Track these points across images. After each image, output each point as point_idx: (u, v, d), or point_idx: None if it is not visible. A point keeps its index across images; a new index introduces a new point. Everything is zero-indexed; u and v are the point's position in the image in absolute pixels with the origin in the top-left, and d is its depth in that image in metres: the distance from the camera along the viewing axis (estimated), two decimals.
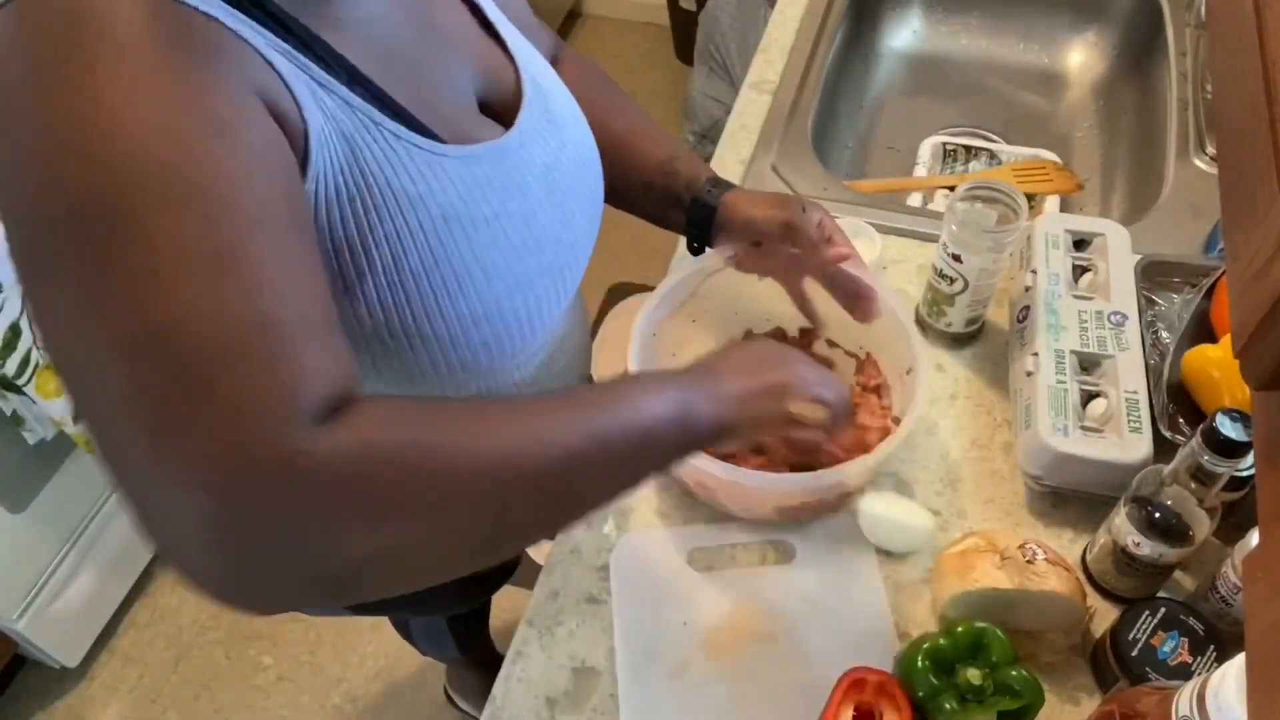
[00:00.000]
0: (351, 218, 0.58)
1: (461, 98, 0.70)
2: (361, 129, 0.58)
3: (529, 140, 0.71)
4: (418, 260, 0.62)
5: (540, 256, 0.70)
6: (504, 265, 0.67)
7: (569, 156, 0.75)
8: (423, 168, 0.62)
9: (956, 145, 1.30)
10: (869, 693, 0.73)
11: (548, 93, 0.75)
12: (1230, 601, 0.75)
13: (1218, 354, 0.87)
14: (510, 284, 0.68)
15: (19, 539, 1.54)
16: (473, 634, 1.45)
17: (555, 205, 0.72)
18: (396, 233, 0.60)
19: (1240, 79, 0.47)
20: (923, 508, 0.87)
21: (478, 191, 0.65)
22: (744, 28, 2.16)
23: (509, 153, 0.68)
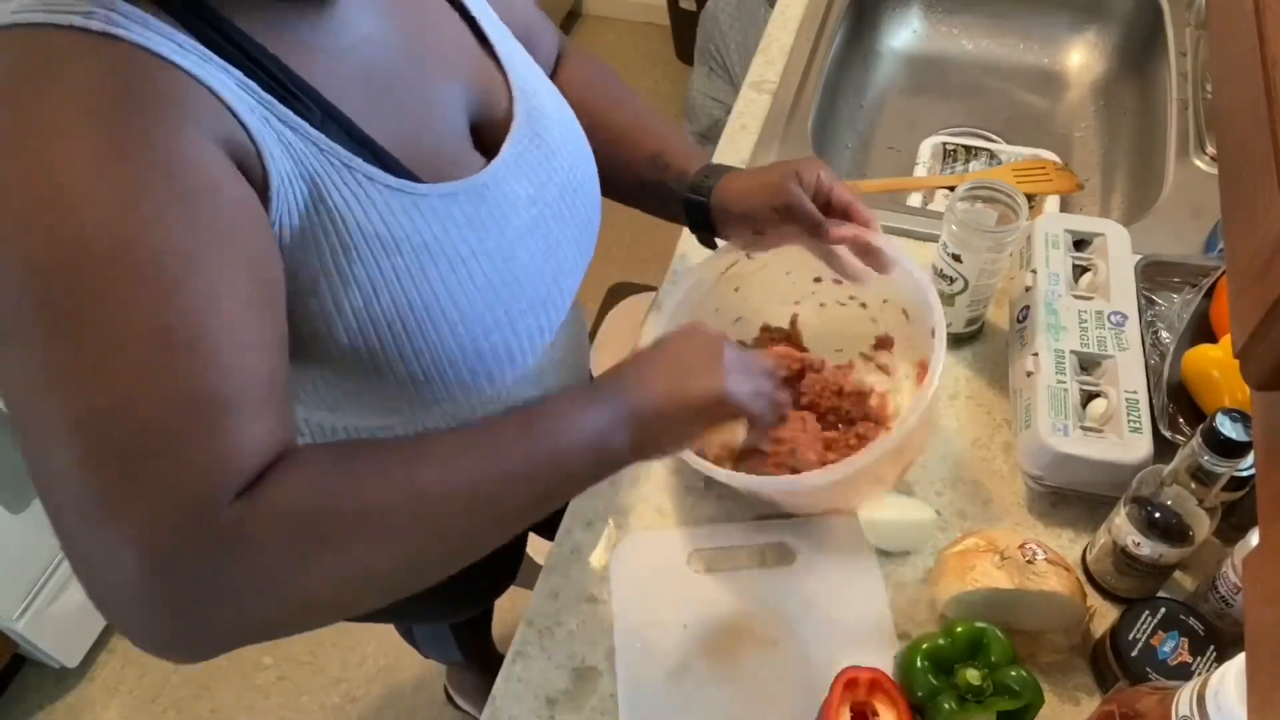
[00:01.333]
0: (318, 259, 0.58)
1: (450, 124, 0.68)
2: (331, 170, 0.57)
3: (512, 173, 0.69)
4: (389, 302, 0.60)
5: (521, 294, 0.68)
6: (482, 305, 0.65)
7: (558, 184, 0.72)
8: (396, 210, 0.60)
9: (956, 145, 1.30)
10: (863, 690, 0.73)
11: (541, 113, 0.73)
12: (1230, 601, 0.75)
13: (1218, 354, 0.87)
14: (489, 323, 0.66)
15: (19, 539, 1.54)
16: (475, 637, 1.45)
17: (539, 239, 0.70)
18: (368, 275, 0.59)
19: (1240, 79, 0.47)
20: (921, 502, 0.87)
21: (455, 231, 0.63)
22: (744, 28, 2.16)
23: (489, 188, 0.66)
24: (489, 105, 0.71)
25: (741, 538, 0.87)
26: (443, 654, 1.47)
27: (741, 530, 0.87)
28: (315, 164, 0.56)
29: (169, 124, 0.49)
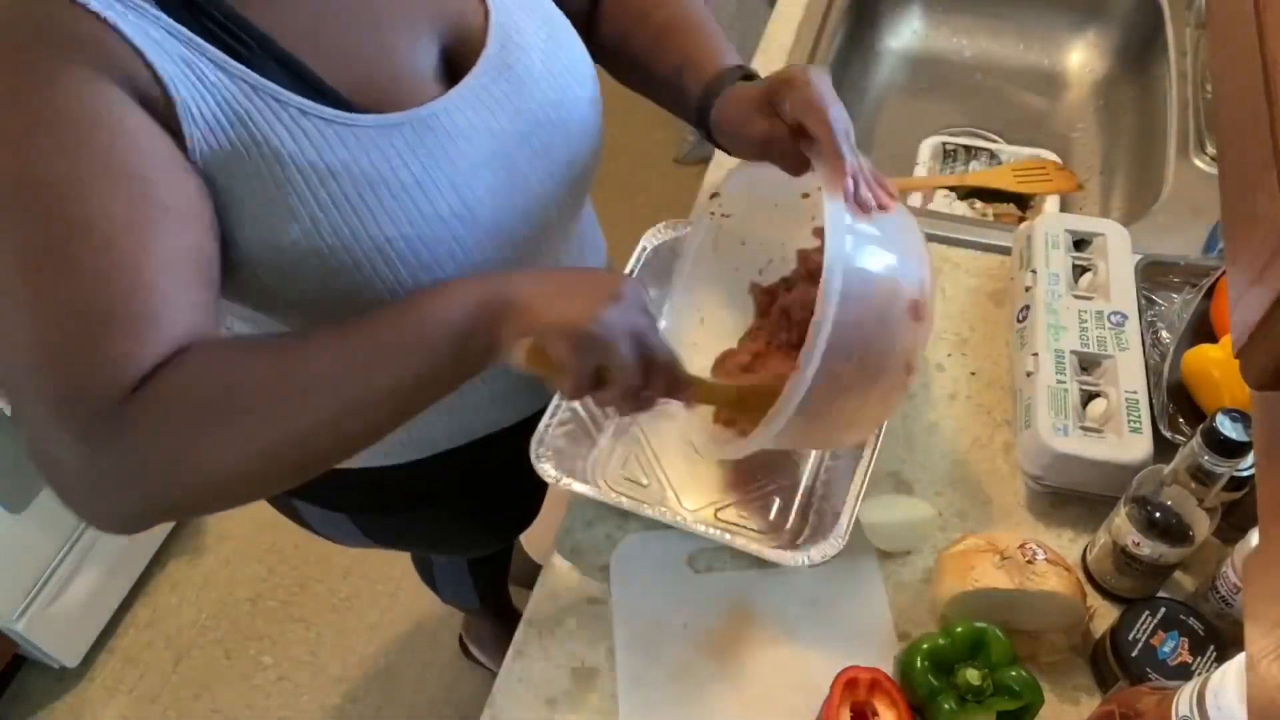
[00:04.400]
0: (258, 192, 0.61)
1: (412, 53, 0.68)
2: (263, 107, 0.60)
3: (470, 104, 0.68)
4: (331, 232, 0.63)
5: (476, 225, 0.68)
6: (430, 234, 0.66)
7: (529, 118, 0.71)
8: (331, 140, 0.62)
9: (956, 145, 1.30)
10: (863, 690, 0.73)
11: (519, 46, 0.71)
12: (1230, 601, 0.75)
13: (1218, 354, 0.87)
14: (440, 253, 0.67)
15: (19, 539, 1.54)
16: (493, 581, 1.46)
17: (501, 171, 0.69)
18: (304, 206, 0.62)
19: (1240, 79, 0.47)
20: (921, 502, 0.87)
21: (396, 160, 0.64)
22: (744, 28, 2.16)
23: (438, 118, 0.66)
24: (461, 36, 0.71)
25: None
26: (459, 595, 1.48)
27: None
28: (245, 102, 0.59)
29: (66, 67, 0.54)
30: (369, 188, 0.63)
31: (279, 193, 0.61)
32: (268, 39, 0.61)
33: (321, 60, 0.63)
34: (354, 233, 0.63)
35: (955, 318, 1.03)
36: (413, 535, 1.06)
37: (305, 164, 0.61)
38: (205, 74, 0.58)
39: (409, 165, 0.65)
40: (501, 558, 1.47)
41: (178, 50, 0.57)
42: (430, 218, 0.66)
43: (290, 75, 0.61)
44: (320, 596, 1.83)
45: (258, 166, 0.60)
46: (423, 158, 0.65)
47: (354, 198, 0.63)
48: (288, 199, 0.61)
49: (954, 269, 1.08)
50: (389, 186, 0.64)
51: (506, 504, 0.86)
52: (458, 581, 1.42)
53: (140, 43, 0.56)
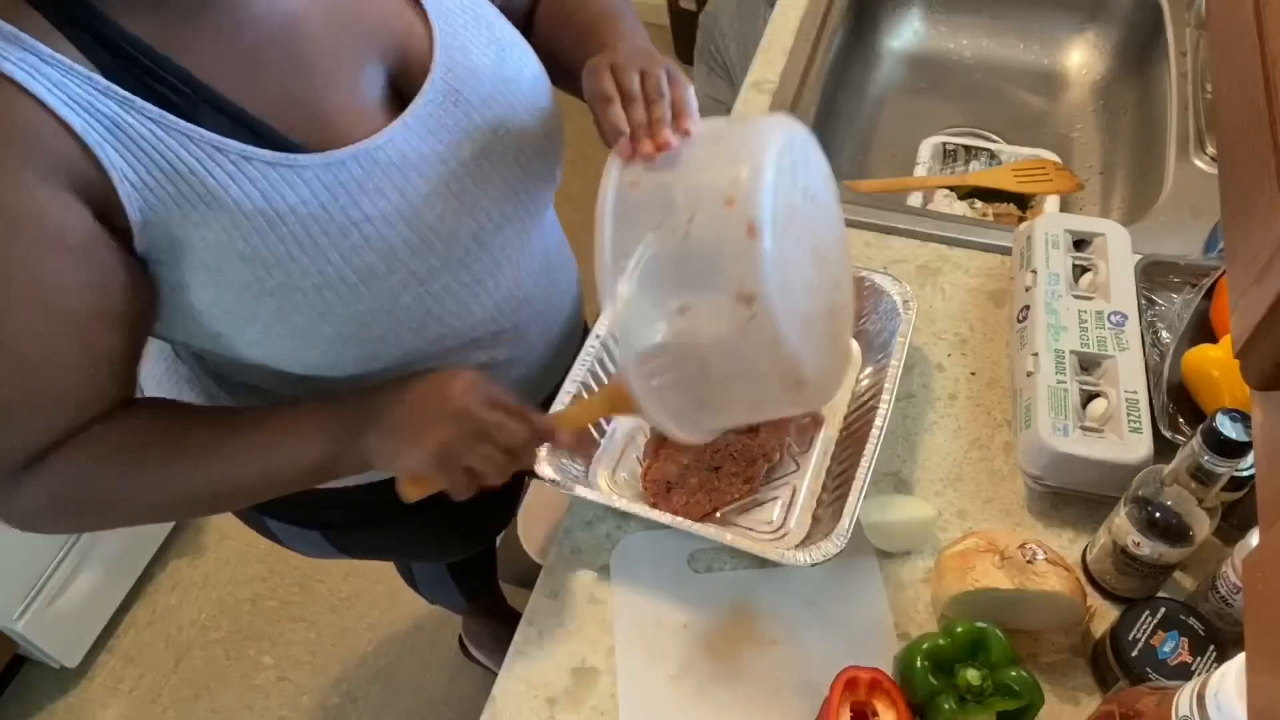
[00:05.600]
0: (210, 241, 0.61)
1: (357, 87, 0.67)
2: (203, 157, 0.59)
3: (417, 133, 0.68)
4: (284, 274, 0.63)
5: (430, 253, 0.69)
6: (385, 266, 0.66)
7: (477, 143, 0.71)
8: (276, 183, 0.61)
9: (956, 145, 1.30)
10: (863, 690, 0.73)
11: (468, 70, 0.71)
12: (1230, 601, 0.75)
13: (1218, 354, 0.87)
14: (395, 283, 0.67)
15: (19, 539, 1.54)
16: (476, 583, 1.46)
17: (451, 198, 0.70)
18: (256, 252, 0.62)
19: (1240, 79, 0.47)
20: (922, 501, 0.87)
21: (344, 197, 0.64)
22: (744, 28, 2.16)
23: (384, 150, 0.66)
24: (407, 62, 0.70)
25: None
26: (444, 598, 1.48)
27: None
28: (185, 155, 0.59)
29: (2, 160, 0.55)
30: (318, 226, 0.63)
31: (228, 239, 0.61)
32: (204, 86, 0.60)
33: (261, 102, 0.62)
34: (305, 272, 0.63)
35: (955, 318, 1.03)
36: (386, 548, 1.07)
37: (251, 209, 0.61)
38: (140, 134, 0.58)
39: (358, 202, 0.64)
40: (481, 560, 1.46)
41: (110, 111, 0.57)
42: (382, 251, 0.66)
43: (229, 120, 0.61)
44: (320, 596, 1.83)
45: (204, 216, 0.60)
46: (370, 193, 0.65)
47: (303, 238, 0.63)
48: (236, 245, 0.61)
49: (954, 269, 1.08)
50: (338, 224, 0.64)
51: (478, 511, 0.85)
52: (439, 585, 1.41)
53: (67, 116, 0.55)
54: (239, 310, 0.64)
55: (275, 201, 0.61)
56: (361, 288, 0.66)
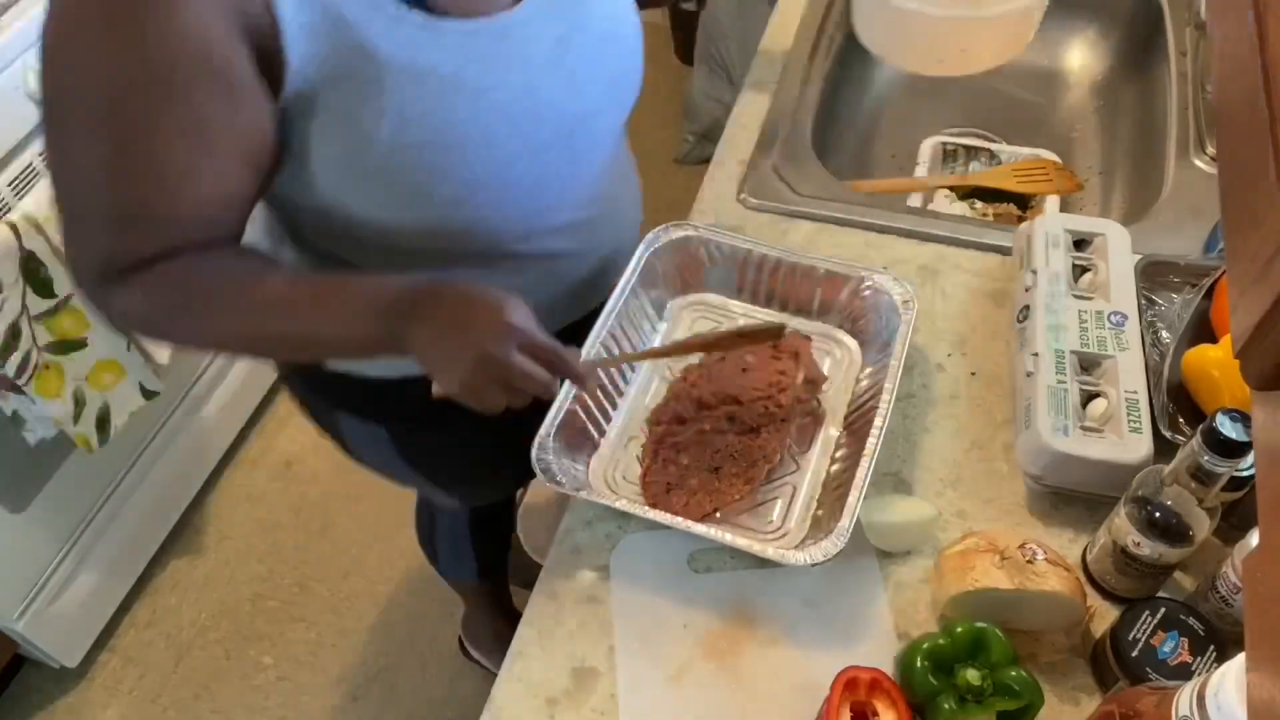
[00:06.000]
0: (355, 94, 0.67)
1: None
2: (364, 12, 0.65)
3: (540, 15, 0.75)
4: (419, 130, 0.70)
5: (542, 126, 0.76)
6: (504, 133, 0.74)
7: (589, 31, 0.79)
8: (424, 42, 0.68)
9: (956, 145, 1.30)
10: (863, 690, 0.73)
11: None
12: (1230, 601, 0.75)
13: (1218, 354, 0.87)
14: (511, 152, 0.75)
15: (19, 539, 1.54)
16: (492, 558, 1.47)
17: (564, 77, 0.77)
18: (398, 105, 0.68)
19: (1240, 79, 0.47)
20: (922, 501, 0.87)
21: (478, 63, 0.71)
22: (744, 28, 2.16)
23: (512, 28, 0.73)
24: None
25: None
26: (459, 567, 1.49)
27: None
28: (347, 8, 0.65)
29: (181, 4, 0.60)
30: (454, 87, 0.70)
31: (373, 91, 0.67)
32: None
33: None
34: (436, 129, 0.70)
35: (955, 318, 1.03)
36: (445, 457, 1.09)
37: (398, 65, 0.67)
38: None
39: (489, 69, 0.72)
40: (503, 527, 1.48)
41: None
42: (505, 118, 0.73)
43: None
44: (320, 596, 1.83)
45: (353, 67, 0.66)
46: (500, 62, 0.72)
47: (440, 97, 0.70)
48: (381, 98, 0.67)
49: (954, 269, 1.08)
50: (471, 87, 0.71)
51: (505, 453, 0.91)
52: (457, 549, 1.43)
53: None
54: (364, 166, 0.71)
55: (420, 60, 0.68)
56: (483, 150, 0.73)
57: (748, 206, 1.15)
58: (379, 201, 0.74)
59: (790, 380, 0.91)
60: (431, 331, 0.71)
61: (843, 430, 0.93)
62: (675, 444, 0.89)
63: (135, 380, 1.55)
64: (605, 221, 0.93)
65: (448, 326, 0.71)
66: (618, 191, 0.94)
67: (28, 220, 1.30)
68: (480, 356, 0.69)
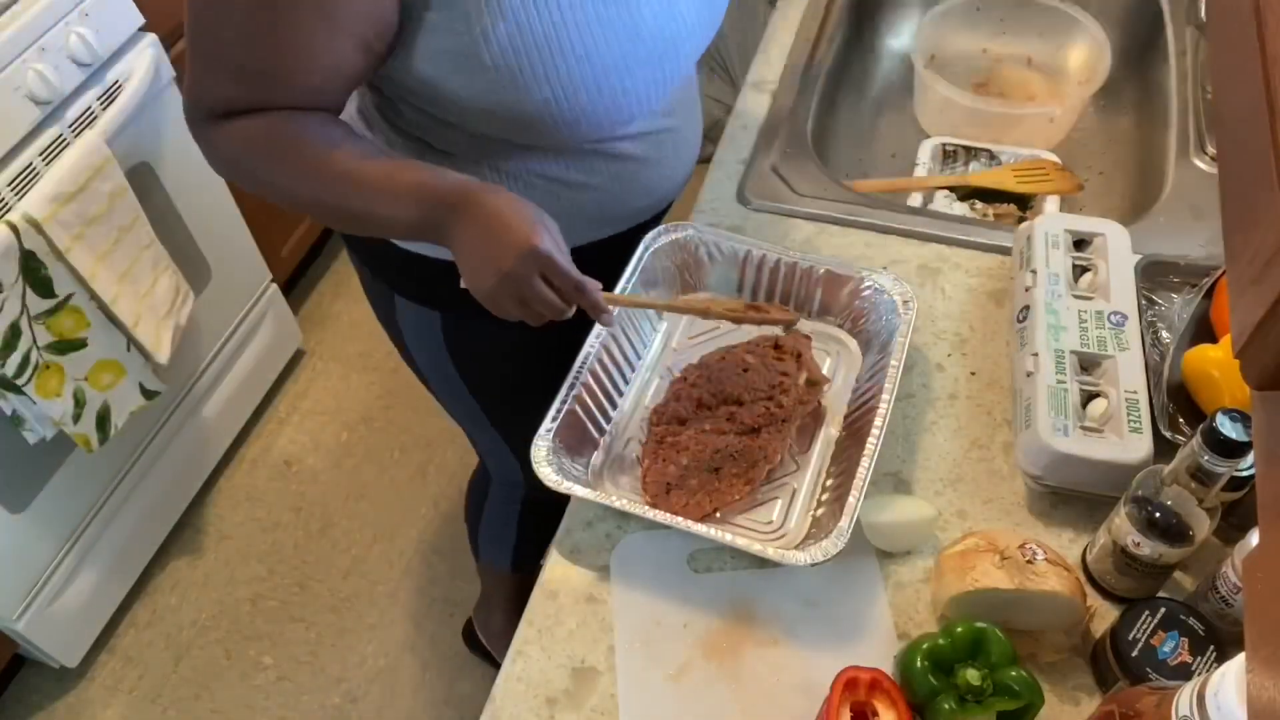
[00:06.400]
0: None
1: None
2: None
3: None
4: (532, 30, 0.75)
5: (640, 43, 0.81)
6: (604, 45, 0.79)
7: None
8: None
9: (956, 146, 1.30)
10: (863, 690, 0.73)
11: None
12: (1230, 601, 0.75)
13: (1218, 354, 0.87)
14: (609, 63, 0.80)
15: (19, 539, 1.54)
16: (531, 546, 1.47)
17: (663, 3, 0.82)
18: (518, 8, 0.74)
19: (1240, 79, 0.47)
20: (922, 501, 0.87)
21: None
22: (744, 28, 2.16)
23: None
24: None
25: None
26: (496, 550, 1.50)
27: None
28: None
29: None
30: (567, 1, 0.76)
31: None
32: None
33: None
34: (548, 36, 0.76)
35: (955, 318, 1.03)
36: (489, 362, 1.12)
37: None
38: None
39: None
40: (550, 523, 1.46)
41: None
42: (608, 30, 0.79)
43: None
44: (320, 596, 1.83)
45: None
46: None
47: (554, 7, 0.75)
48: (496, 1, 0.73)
49: (954, 269, 1.08)
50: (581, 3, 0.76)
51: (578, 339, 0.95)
52: (502, 530, 1.43)
53: None
54: (475, 59, 0.76)
55: None
56: (582, 60, 0.78)
57: (748, 206, 1.15)
58: (478, 92, 0.79)
59: (792, 381, 0.91)
60: (468, 234, 0.77)
61: (843, 430, 0.93)
62: (675, 444, 0.89)
63: (135, 380, 1.55)
64: (671, 136, 0.98)
65: (483, 234, 0.76)
66: (688, 108, 1.01)
67: (28, 220, 1.30)
68: (504, 271, 0.76)
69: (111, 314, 1.46)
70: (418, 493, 1.94)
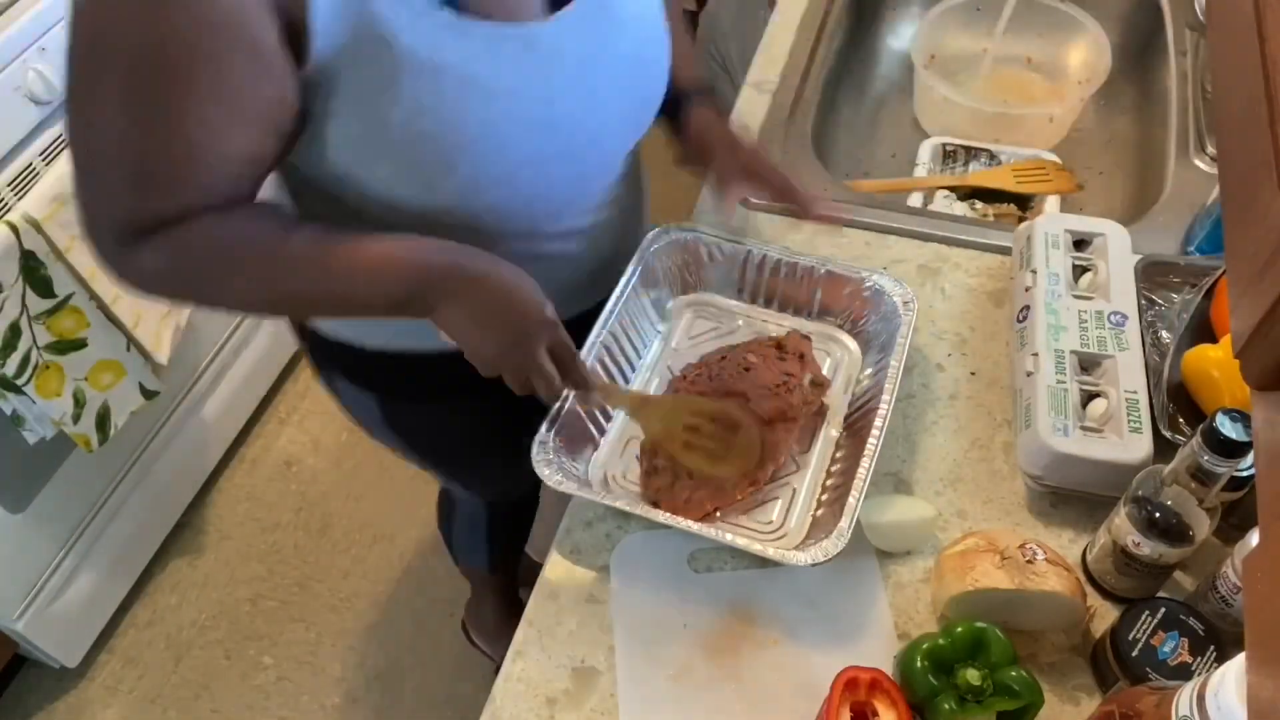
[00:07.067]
0: (372, 75, 0.67)
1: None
2: (393, 3, 0.65)
3: (567, 32, 0.75)
4: (431, 122, 0.70)
5: (555, 138, 0.77)
6: (515, 140, 0.74)
7: (616, 55, 0.79)
8: (448, 39, 0.68)
9: (956, 145, 1.30)
10: (863, 690, 0.73)
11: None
12: (1230, 601, 0.75)
13: (1218, 354, 0.87)
14: (520, 158, 0.75)
15: (19, 539, 1.54)
16: (506, 551, 1.48)
17: (584, 95, 0.77)
18: (413, 95, 0.68)
19: (1240, 79, 0.47)
20: (922, 501, 0.87)
21: (499, 66, 0.71)
22: (744, 28, 2.16)
23: (540, 39, 0.73)
24: None
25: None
26: (472, 555, 1.50)
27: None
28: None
29: None
30: (472, 87, 0.70)
31: (389, 80, 0.67)
32: None
33: None
34: (448, 125, 0.71)
35: (955, 318, 1.03)
36: (430, 434, 1.10)
37: (419, 59, 0.67)
38: None
39: (508, 74, 0.72)
40: (520, 521, 1.48)
41: None
42: (518, 124, 0.74)
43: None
44: (320, 596, 1.83)
45: (374, 54, 0.66)
46: (524, 70, 0.72)
47: (456, 94, 0.70)
48: (396, 87, 0.68)
49: (954, 269, 1.08)
50: (487, 90, 0.71)
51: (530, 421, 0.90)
52: (473, 539, 1.43)
53: None
54: (377, 146, 0.71)
55: (441, 56, 0.68)
56: (492, 152, 0.73)
57: (748, 206, 1.15)
58: (388, 181, 0.75)
59: (797, 380, 0.91)
60: (466, 308, 0.74)
61: (843, 430, 0.93)
62: None
63: (135, 380, 1.55)
64: (606, 228, 0.92)
65: (484, 314, 0.74)
66: (624, 201, 0.94)
67: (28, 220, 1.30)
68: (512, 344, 0.74)
69: (111, 314, 1.46)
70: (418, 493, 1.94)
